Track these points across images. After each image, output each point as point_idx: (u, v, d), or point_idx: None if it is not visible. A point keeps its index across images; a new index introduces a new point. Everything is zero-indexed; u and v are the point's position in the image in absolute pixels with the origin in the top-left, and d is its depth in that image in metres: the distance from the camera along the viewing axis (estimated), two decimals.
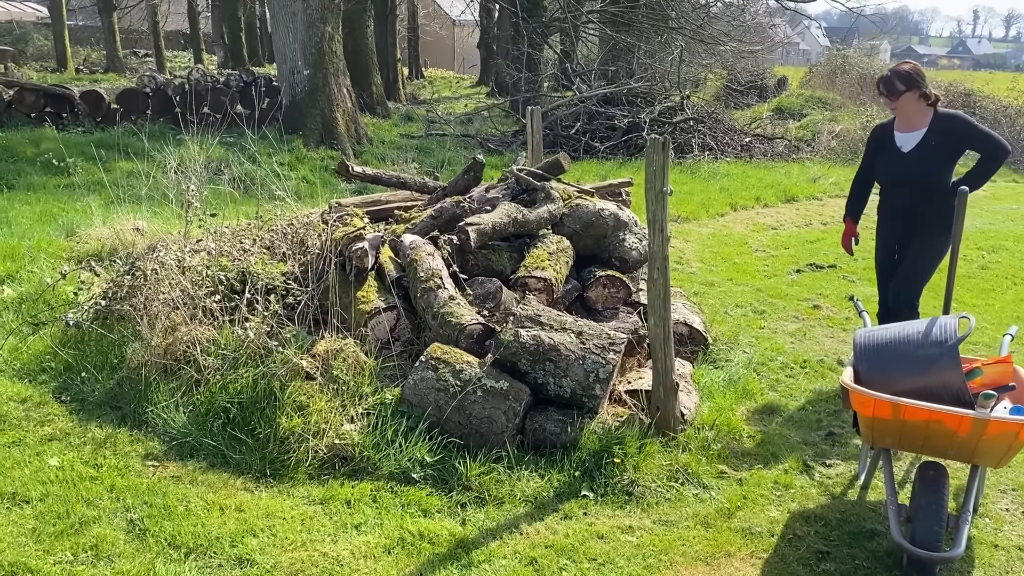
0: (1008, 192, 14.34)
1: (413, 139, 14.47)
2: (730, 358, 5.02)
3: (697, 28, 17.64)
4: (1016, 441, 2.81)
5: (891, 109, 4.39)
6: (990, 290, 7.48)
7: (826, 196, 11.89)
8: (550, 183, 5.24)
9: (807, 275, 7.59)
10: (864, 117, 16.47)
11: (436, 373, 3.78)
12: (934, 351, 2.97)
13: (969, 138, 4.30)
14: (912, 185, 4.37)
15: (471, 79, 31.23)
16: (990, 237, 9.94)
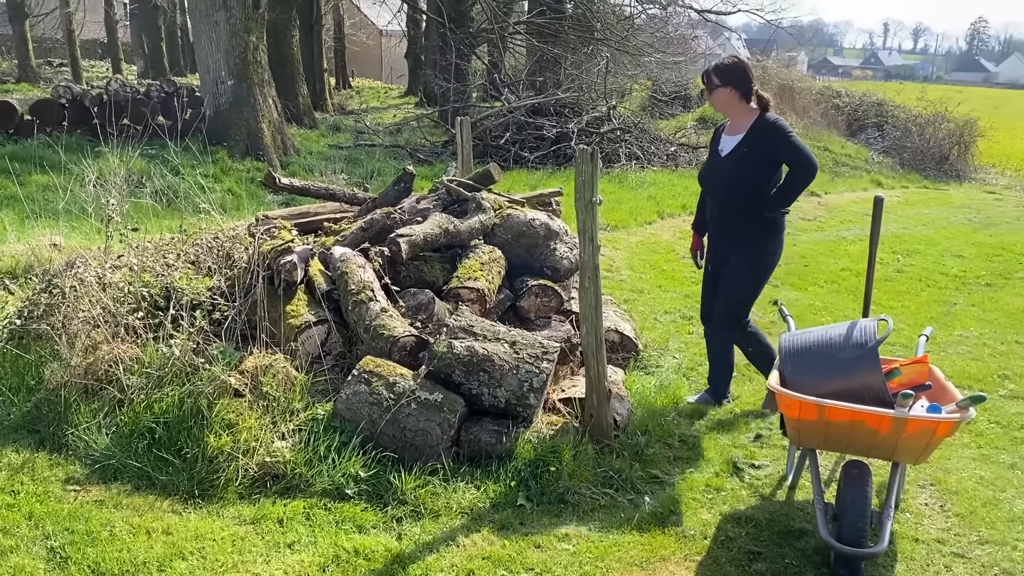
0: (920, 197, 14.97)
1: (341, 149, 14.32)
2: (661, 364, 5.10)
3: (622, 39, 17.95)
4: (933, 438, 2.92)
5: (713, 102, 4.26)
6: (905, 292, 7.78)
7: None
8: (481, 194, 5.25)
9: None
10: None
11: (369, 387, 3.74)
12: (855, 353, 3.07)
13: (780, 149, 4.07)
14: (721, 191, 4.22)
15: (399, 89, 31.08)
16: (904, 241, 10.35)
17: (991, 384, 5.22)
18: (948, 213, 13.19)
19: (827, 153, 17.38)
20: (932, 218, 12.53)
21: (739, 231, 4.24)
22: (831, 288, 7.69)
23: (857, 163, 17.28)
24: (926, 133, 18.17)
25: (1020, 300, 7.62)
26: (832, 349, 3.13)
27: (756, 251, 4.26)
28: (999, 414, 4.67)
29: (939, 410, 2.97)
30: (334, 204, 5.94)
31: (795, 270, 8.33)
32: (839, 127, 19.63)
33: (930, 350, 5.86)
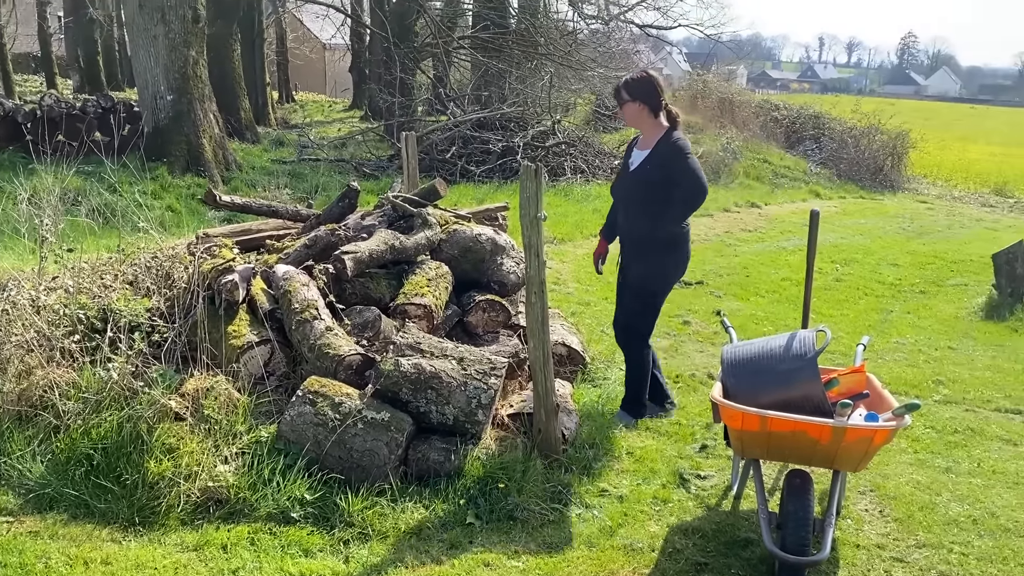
0: (857, 208, 15.39)
1: (285, 164, 14.15)
2: (608, 376, 5.14)
3: (565, 55, 18.12)
4: (871, 446, 3.00)
5: (622, 116, 4.33)
6: (844, 301, 7.98)
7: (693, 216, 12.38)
8: (427, 209, 5.24)
9: (677, 292, 7.83)
10: (724, 139, 17.31)
11: (314, 407, 3.69)
12: (795, 364, 3.14)
13: (676, 170, 4.13)
14: (627, 204, 4.31)
15: (344, 103, 30.88)
16: (843, 251, 10.62)
17: (926, 390, 5.38)
18: (883, 223, 13.59)
19: (767, 165, 17.77)
20: (868, 228, 12.89)
21: (641, 244, 4.35)
22: (772, 298, 7.85)
23: (796, 174, 17.69)
24: (861, 145, 18.71)
25: (952, 307, 7.88)
26: (772, 360, 3.19)
27: (655, 264, 4.36)
28: (934, 419, 4.82)
29: (876, 418, 3.04)
30: (277, 221, 5.87)
31: (737, 280, 8.49)
32: (778, 139, 20.10)
33: (868, 358, 6.02)
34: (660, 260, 4.35)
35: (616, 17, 22.44)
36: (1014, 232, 12.93)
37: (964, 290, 8.58)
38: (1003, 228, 13.82)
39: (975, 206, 17.06)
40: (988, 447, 4.45)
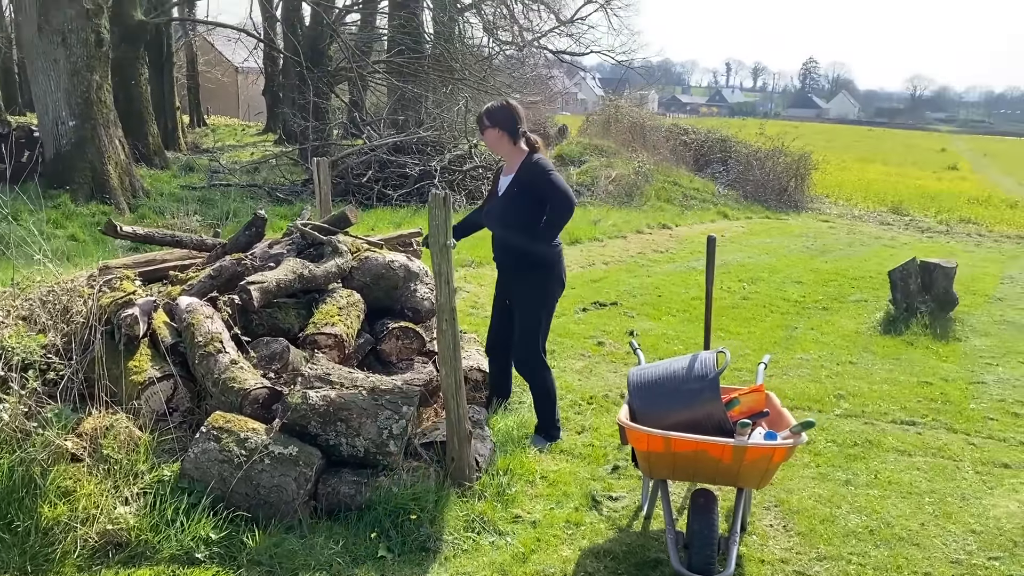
0: (763, 227, 15.93)
1: (195, 190, 13.81)
2: (523, 400, 5.16)
3: (480, 79, 18.28)
4: (771, 463, 3.10)
5: (487, 143, 4.51)
6: (751, 318, 8.23)
7: (606, 237, 12.63)
8: (337, 236, 5.19)
9: (592, 313, 8.00)
10: (636, 163, 17.72)
11: (219, 443, 3.59)
12: (697, 385, 3.22)
13: (542, 187, 4.28)
14: (498, 228, 4.47)
15: (258, 126, 30.36)
16: (749, 270, 10.97)
17: (828, 404, 5.58)
18: (788, 241, 14.10)
19: (677, 187, 18.26)
20: (774, 247, 13.36)
21: (518, 266, 4.48)
22: (683, 317, 8.04)
23: (705, 196, 18.23)
24: (766, 167, 19.41)
25: (853, 322, 8.21)
26: (676, 382, 3.27)
27: (535, 283, 4.49)
28: (835, 433, 5.00)
29: (775, 436, 3.15)
30: (183, 250, 5.71)
31: (649, 301, 8.66)
32: (687, 162, 20.68)
33: (773, 374, 6.26)
34: (541, 280, 4.49)
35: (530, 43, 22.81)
36: (909, 249, 13.61)
37: (864, 306, 8.96)
38: (899, 245, 14.51)
39: (874, 224, 17.88)
40: (885, 459, 4.64)
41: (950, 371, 6.56)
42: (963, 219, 19.32)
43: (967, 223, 18.91)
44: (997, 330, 8.16)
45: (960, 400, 5.80)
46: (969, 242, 16.16)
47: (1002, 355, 7.20)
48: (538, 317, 4.57)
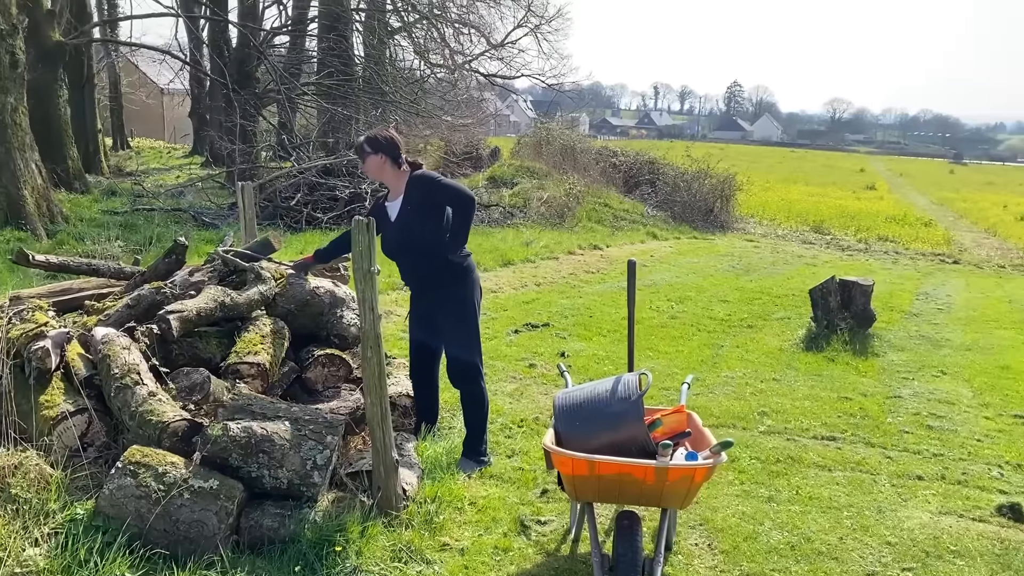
0: (690, 247, 16.25)
1: (117, 215, 13.42)
2: (453, 426, 5.14)
3: (411, 102, 18.28)
4: (693, 483, 3.15)
5: (363, 172, 4.67)
6: (679, 337, 8.37)
7: (539, 259, 12.72)
8: (260, 263, 5.10)
9: (524, 335, 8.02)
10: (568, 184, 17.92)
11: (136, 479, 3.47)
12: (620, 408, 3.26)
13: (436, 194, 4.36)
14: (405, 255, 4.48)
15: (184, 149, 29.77)
16: (678, 289, 11.16)
17: (752, 421, 5.70)
18: (715, 261, 14.42)
19: (607, 208, 18.52)
20: (701, 266, 13.64)
21: (439, 283, 4.50)
22: (614, 337, 8.12)
23: (635, 217, 18.53)
24: (693, 188, 19.85)
25: (777, 339, 8.43)
26: (600, 404, 3.30)
27: (456, 299, 4.52)
28: (759, 450, 5.11)
29: (696, 457, 3.20)
30: (100, 279, 5.54)
31: (581, 321, 8.74)
32: (617, 184, 21.02)
33: (700, 392, 6.37)
34: (466, 291, 4.52)
35: (461, 66, 22.91)
36: (830, 267, 14.06)
37: (787, 323, 9.20)
38: (821, 263, 14.98)
39: (796, 243, 18.43)
40: (806, 474, 4.76)
41: (868, 386, 6.78)
42: (881, 237, 20.07)
43: (885, 241, 19.65)
44: (913, 345, 8.47)
45: (878, 414, 5.99)
46: (887, 259, 16.78)
47: (917, 369, 7.47)
48: (472, 329, 4.60)
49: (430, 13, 21.84)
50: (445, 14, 22.18)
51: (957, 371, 7.48)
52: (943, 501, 4.47)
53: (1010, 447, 5.45)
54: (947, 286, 13.14)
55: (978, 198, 34.51)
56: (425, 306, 4.66)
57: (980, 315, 10.50)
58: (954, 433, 5.67)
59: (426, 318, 4.68)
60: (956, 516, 4.29)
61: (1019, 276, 15.54)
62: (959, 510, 4.36)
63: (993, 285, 13.76)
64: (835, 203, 27.51)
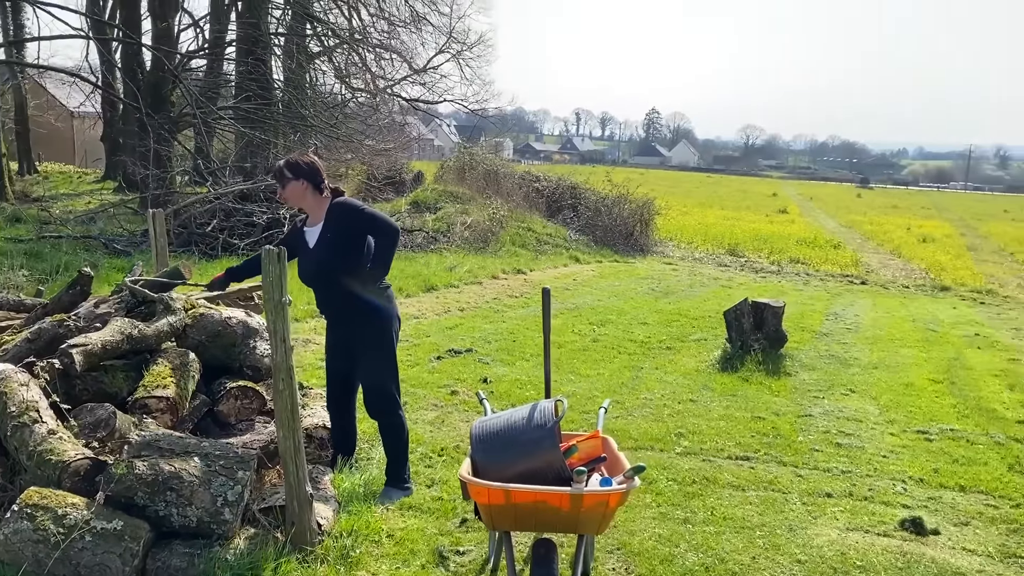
0: (612, 271, 16.50)
1: (22, 243, 12.88)
2: (371, 456, 5.07)
3: (332, 126, 18.14)
4: (608, 509, 3.17)
5: (281, 198, 4.50)
6: (601, 360, 8.46)
7: (462, 284, 12.73)
8: (170, 293, 4.96)
9: (447, 361, 7.99)
10: (491, 209, 18.01)
11: (33, 522, 3.31)
12: (537, 435, 3.27)
13: (360, 223, 4.33)
14: (322, 282, 4.43)
15: (96, 174, 28.80)
16: (599, 312, 11.31)
17: (669, 443, 5.79)
18: (635, 284, 14.67)
19: (531, 233, 18.68)
20: (622, 289, 13.86)
21: (358, 312, 4.44)
22: (537, 362, 8.16)
23: (558, 241, 18.74)
24: (613, 212, 20.22)
25: (694, 361, 8.60)
26: (516, 432, 3.31)
27: (380, 327, 4.49)
28: (676, 471, 5.19)
29: (611, 482, 3.23)
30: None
31: (504, 346, 8.76)
32: (540, 208, 21.24)
33: (619, 415, 6.45)
34: (385, 321, 4.49)
35: (382, 91, 22.90)
36: (744, 289, 14.46)
37: (704, 344, 9.41)
38: (736, 285, 15.40)
39: (712, 266, 18.91)
40: (720, 495, 4.86)
41: (781, 405, 6.98)
42: (793, 259, 20.77)
43: (796, 263, 20.34)
44: (823, 364, 8.76)
45: (790, 433, 6.17)
46: (798, 281, 17.37)
47: (827, 388, 7.73)
48: (390, 360, 4.57)
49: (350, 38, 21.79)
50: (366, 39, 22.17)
51: (864, 389, 7.77)
52: (850, 517, 4.62)
53: (913, 462, 5.68)
54: (855, 306, 13.66)
55: (883, 221, 36.09)
56: (342, 336, 4.59)
57: (886, 334, 10.94)
58: (861, 450, 5.87)
59: (343, 348, 4.62)
60: (862, 532, 4.43)
61: (922, 296, 16.29)
62: (865, 526, 4.51)
63: (898, 305, 14.38)
64: (749, 226, 28.36)
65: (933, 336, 11.03)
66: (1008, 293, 17.27)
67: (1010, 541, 4.44)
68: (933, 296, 16.37)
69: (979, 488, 5.24)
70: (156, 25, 19.54)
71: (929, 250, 24.97)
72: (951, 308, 14.40)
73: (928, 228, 33.06)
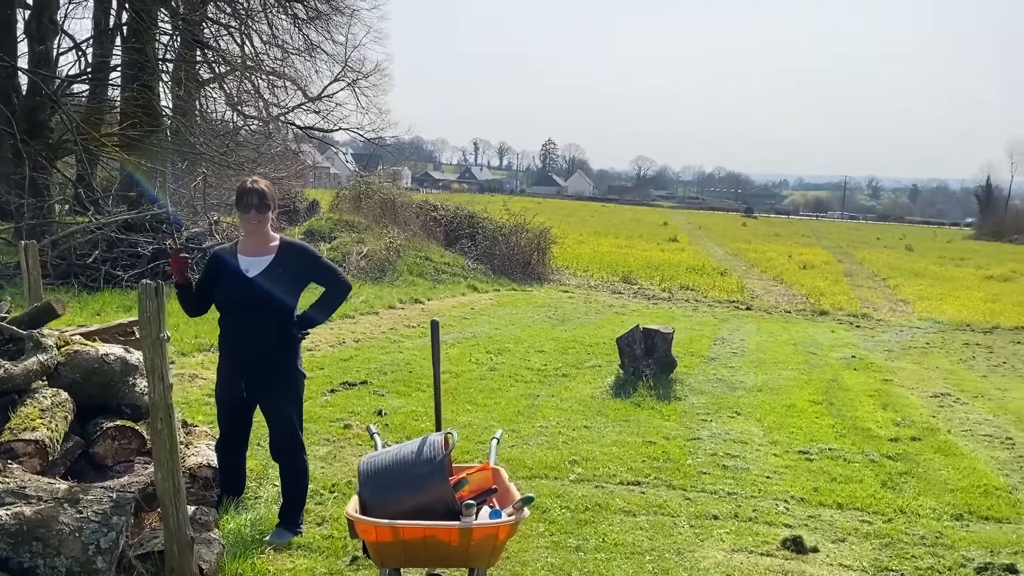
0: (510, 299, 16.64)
1: None
2: (259, 495, 4.92)
3: (222, 154, 17.71)
4: (498, 541, 3.17)
5: (253, 224, 4.27)
6: (498, 389, 8.49)
7: (358, 314, 12.56)
8: (41, 330, 4.70)
9: (340, 394, 7.85)
10: (388, 238, 17.90)
11: None
12: (426, 469, 3.25)
13: (316, 269, 4.39)
14: (253, 314, 4.26)
15: None
16: (496, 341, 11.36)
17: (563, 470, 5.85)
18: (532, 312, 14.83)
19: (429, 262, 18.65)
20: (519, 317, 13.99)
21: (277, 350, 4.36)
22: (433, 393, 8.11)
23: (456, 270, 18.77)
24: (511, 241, 20.43)
25: (589, 387, 8.74)
26: (405, 467, 3.28)
27: (290, 369, 4.42)
28: (569, 499, 5.24)
29: (500, 514, 3.24)
30: None
31: (400, 377, 8.67)
32: (438, 238, 21.25)
33: (515, 444, 6.48)
34: (296, 360, 4.45)
35: (276, 118, 22.55)
36: (637, 315, 14.83)
37: (598, 371, 9.58)
38: (629, 312, 15.78)
39: (607, 293, 19.33)
40: (612, 520, 4.93)
41: (671, 429, 7.16)
42: (683, 286, 21.46)
43: (686, 290, 21.02)
44: (710, 388, 9.06)
45: (679, 457, 6.33)
46: (688, 307, 17.94)
47: (715, 411, 7.99)
48: (300, 402, 4.49)
49: (242, 65, 21.39)
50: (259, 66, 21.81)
51: (750, 411, 8.07)
52: (736, 539, 4.77)
53: (795, 482, 5.92)
54: (741, 331, 14.21)
55: (767, 249, 37.76)
56: (253, 371, 4.37)
57: (769, 357, 11.42)
58: (747, 471, 6.09)
59: (251, 384, 4.40)
60: (747, 552, 4.58)
61: (802, 320, 17.09)
62: (749, 546, 4.67)
63: (780, 329, 15.04)
64: (642, 254, 29.17)
65: (813, 359, 11.58)
66: (881, 316, 18.33)
67: (882, 555, 4.67)
68: (813, 320, 17.18)
69: (855, 505, 5.50)
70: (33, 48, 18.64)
71: (809, 276, 26.25)
72: (829, 332, 15.16)
73: (808, 255, 34.78)
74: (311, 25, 22.52)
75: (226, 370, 4.52)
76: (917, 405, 8.82)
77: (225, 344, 4.49)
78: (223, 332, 4.47)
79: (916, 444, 7.12)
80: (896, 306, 20.80)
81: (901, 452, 6.84)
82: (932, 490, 5.90)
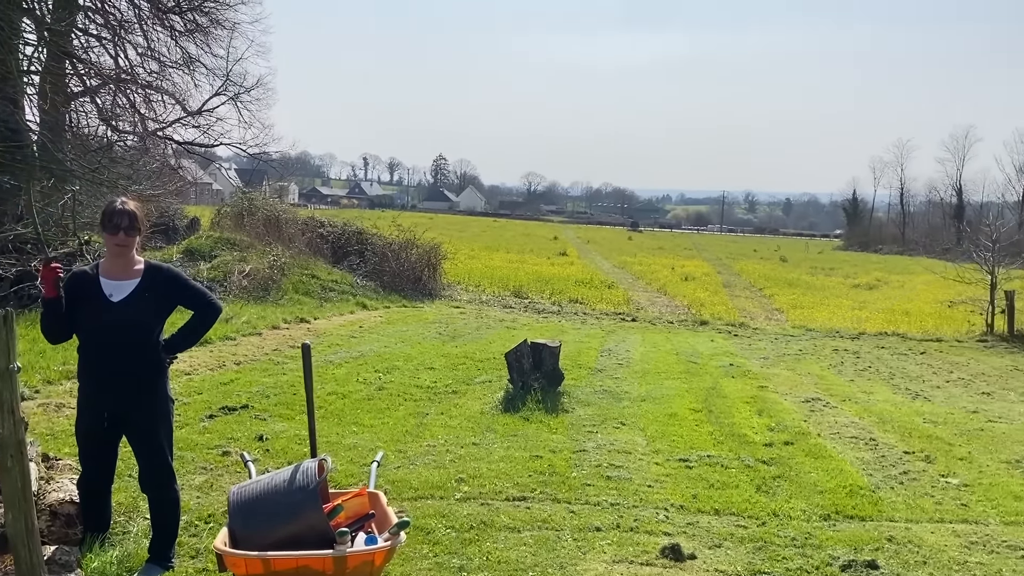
0: (400, 316, 16.49)
1: None
2: (128, 530, 4.68)
3: (93, 171, 16.86)
4: (375, 567, 3.13)
5: (119, 246, 4.09)
6: (385, 409, 8.37)
7: (240, 335, 12.17)
8: None
9: (219, 420, 7.56)
10: (271, 256, 17.46)
11: None
12: (298, 497, 3.17)
13: (184, 292, 4.27)
14: (124, 336, 4.08)
15: None
16: (385, 359, 11.23)
17: (449, 489, 5.82)
18: (423, 329, 14.74)
19: (315, 280, 18.28)
20: (410, 334, 13.87)
21: (143, 380, 4.18)
22: (319, 414, 7.93)
23: (344, 288, 18.47)
24: (401, 257, 20.30)
25: (479, 403, 8.74)
26: (277, 495, 3.20)
27: (163, 395, 4.27)
28: (453, 518, 5.21)
29: (376, 540, 3.19)
30: None
31: (283, 400, 8.44)
32: (325, 254, 20.87)
33: (401, 465, 6.40)
34: (164, 386, 4.28)
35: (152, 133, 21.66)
36: (528, 330, 14.98)
37: (488, 386, 9.60)
38: (520, 326, 15.91)
39: (499, 308, 19.44)
40: (496, 538, 4.93)
41: (558, 442, 7.24)
42: (572, 299, 21.83)
43: (575, 303, 21.39)
44: (597, 399, 9.22)
45: (564, 469, 6.40)
46: (576, 320, 18.25)
47: (601, 422, 8.13)
48: (170, 429, 4.32)
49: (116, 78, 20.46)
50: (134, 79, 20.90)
51: (634, 421, 8.25)
52: (617, 549, 4.86)
53: (675, 490, 6.08)
54: (627, 342, 14.55)
55: (651, 261, 38.90)
56: (118, 401, 4.13)
57: (653, 368, 11.73)
58: (629, 481, 6.21)
59: (117, 415, 4.17)
60: (627, 563, 4.67)
61: (684, 330, 17.65)
62: (630, 556, 4.76)
63: (664, 339, 15.48)
64: (532, 269, 29.51)
65: (694, 368, 11.97)
66: (757, 325, 19.14)
67: (756, 558, 4.85)
68: (694, 330, 17.78)
69: (731, 510, 5.70)
70: None
71: (690, 288, 27.19)
72: (709, 341, 15.71)
73: (690, 267, 36.04)
74: (190, 38, 21.77)
75: (88, 401, 4.22)
76: (790, 410, 9.23)
77: (86, 373, 4.20)
78: (84, 360, 4.19)
79: (789, 448, 7.45)
80: (771, 315, 21.78)
81: (775, 456, 7.14)
82: (803, 492, 6.18)
